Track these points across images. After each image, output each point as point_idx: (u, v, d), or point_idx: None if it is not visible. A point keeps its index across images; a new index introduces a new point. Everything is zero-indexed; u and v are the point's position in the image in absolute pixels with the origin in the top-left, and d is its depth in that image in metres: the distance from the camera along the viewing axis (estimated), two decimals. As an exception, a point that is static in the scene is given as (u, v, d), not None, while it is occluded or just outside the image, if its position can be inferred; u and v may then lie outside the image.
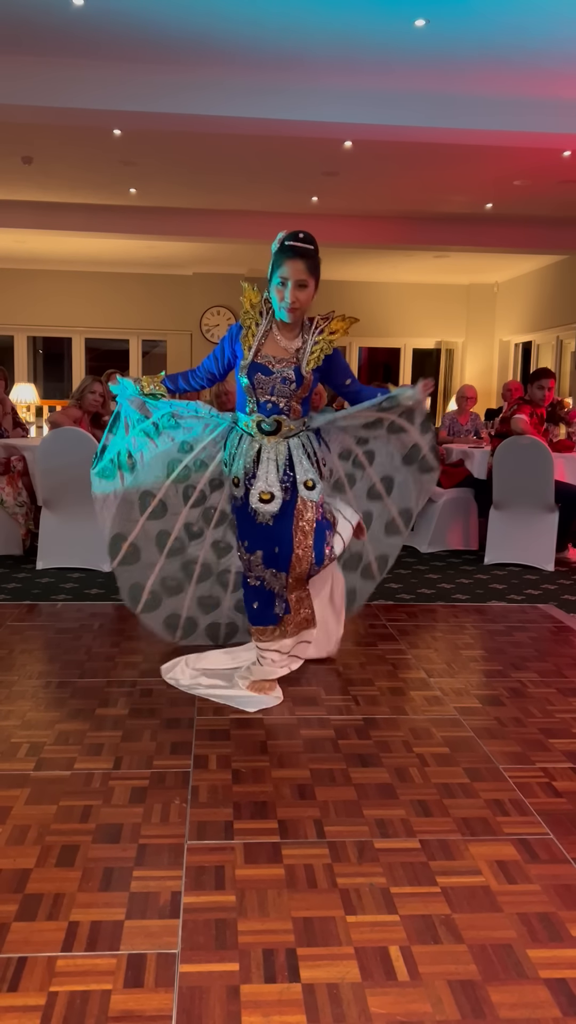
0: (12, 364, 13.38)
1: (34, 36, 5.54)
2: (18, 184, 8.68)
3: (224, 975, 1.70)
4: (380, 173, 7.98)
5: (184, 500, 3.56)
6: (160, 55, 5.74)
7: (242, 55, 5.75)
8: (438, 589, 5.21)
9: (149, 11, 5.16)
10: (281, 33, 5.42)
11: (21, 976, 1.69)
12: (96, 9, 5.13)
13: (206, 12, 5.14)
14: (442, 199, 9.06)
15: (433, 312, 14.09)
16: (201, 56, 5.76)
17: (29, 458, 5.85)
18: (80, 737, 2.88)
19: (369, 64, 5.84)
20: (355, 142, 6.92)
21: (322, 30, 5.35)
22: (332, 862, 2.13)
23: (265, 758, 2.74)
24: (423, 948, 1.80)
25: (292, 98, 6.16)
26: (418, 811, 2.40)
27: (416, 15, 5.11)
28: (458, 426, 7.84)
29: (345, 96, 6.18)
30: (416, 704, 3.26)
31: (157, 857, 2.13)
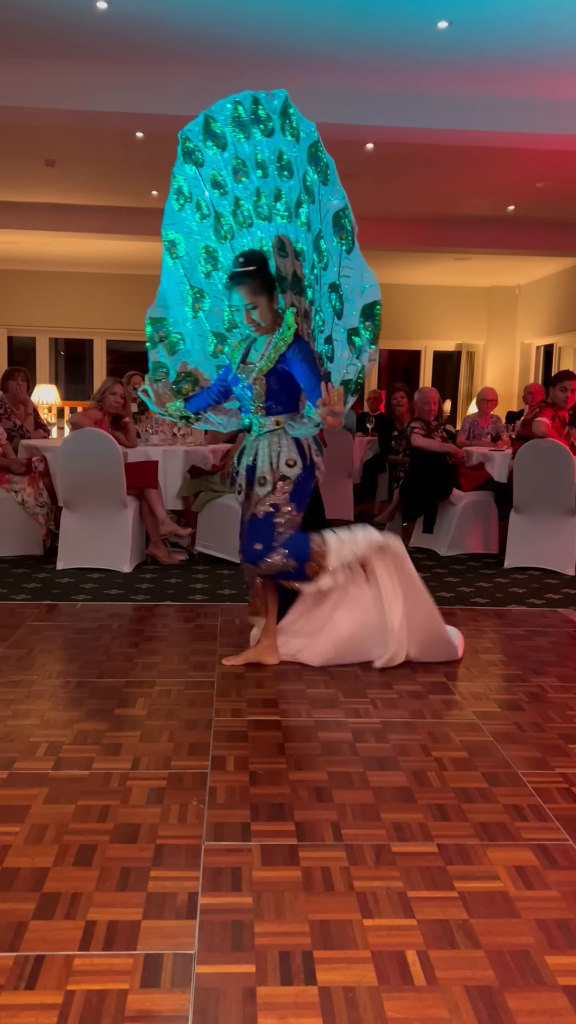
0: (34, 365, 13.48)
1: (58, 40, 5.59)
2: (41, 187, 8.75)
3: (240, 977, 1.70)
4: (401, 175, 7.98)
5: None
6: (182, 58, 5.77)
7: (264, 57, 5.77)
8: (457, 593, 5.19)
9: (171, 14, 5.19)
10: (303, 36, 5.43)
11: (39, 974, 1.69)
12: (119, 13, 5.17)
13: (228, 15, 5.17)
14: (463, 201, 9.05)
15: (454, 314, 14.06)
16: (223, 58, 5.79)
17: (50, 459, 5.88)
18: (98, 737, 2.89)
19: (391, 66, 5.85)
20: (376, 144, 6.93)
21: (345, 32, 5.36)
22: (349, 865, 2.12)
23: (282, 760, 2.74)
24: (440, 953, 1.79)
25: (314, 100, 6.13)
26: (436, 815, 2.39)
27: (439, 17, 5.11)
28: (479, 429, 7.80)
29: (367, 98, 6.18)
30: (435, 708, 3.25)
31: (174, 858, 2.14)
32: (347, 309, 3.26)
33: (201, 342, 3.91)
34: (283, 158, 3.40)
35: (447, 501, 6.40)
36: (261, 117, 3.40)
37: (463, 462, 6.65)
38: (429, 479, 6.42)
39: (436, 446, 6.53)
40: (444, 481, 6.41)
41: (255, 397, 3.50)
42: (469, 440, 7.66)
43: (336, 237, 3.22)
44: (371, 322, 3.18)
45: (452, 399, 14.44)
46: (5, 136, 7.03)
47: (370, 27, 5.24)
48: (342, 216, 3.19)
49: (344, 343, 3.30)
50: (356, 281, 3.20)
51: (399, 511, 6.93)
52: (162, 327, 3.89)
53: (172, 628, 4.31)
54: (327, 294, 3.36)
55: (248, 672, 3.60)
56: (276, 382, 3.44)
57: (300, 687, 3.43)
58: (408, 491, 6.63)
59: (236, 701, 3.26)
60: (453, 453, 6.57)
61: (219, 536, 5.85)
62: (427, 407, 6.78)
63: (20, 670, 3.56)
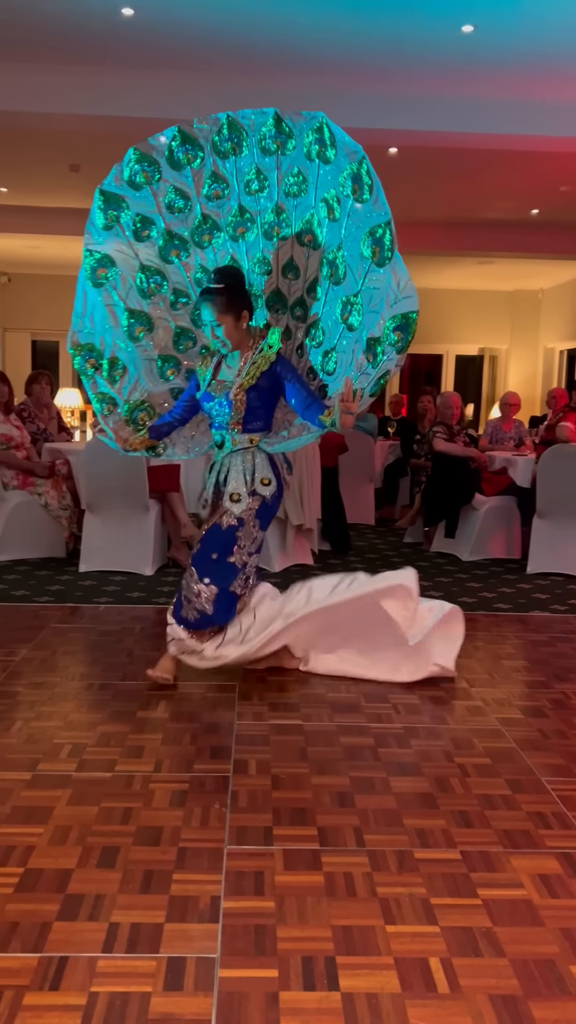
0: (57, 369, 13.57)
1: (84, 46, 5.63)
2: (66, 192, 8.81)
3: (263, 981, 1.70)
4: (425, 179, 7.97)
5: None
6: (206, 63, 5.80)
7: (288, 62, 5.78)
8: (480, 598, 5.16)
9: (196, 20, 5.22)
10: (328, 41, 5.44)
11: (63, 975, 1.70)
12: (145, 19, 5.21)
13: (252, 20, 5.19)
14: (487, 205, 9.02)
15: (476, 319, 14.01)
16: (246, 64, 5.81)
17: (73, 462, 5.92)
18: (121, 739, 2.90)
19: (416, 70, 5.85)
20: (400, 148, 6.93)
21: (369, 37, 5.37)
22: (372, 871, 2.12)
23: (305, 764, 2.73)
24: (464, 961, 1.78)
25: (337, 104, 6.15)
26: (459, 822, 2.38)
27: (464, 21, 5.11)
28: (501, 433, 7.77)
29: (391, 102, 6.18)
30: (457, 714, 3.23)
31: (197, 861, 2.14)
32: (368, 320, 3.25)
33: (148, 366, 3.70)
34: (297, 175, 3.39)
35: (469, 506, 6.37)
36: (267, 134, 3.38)
37: (486, 467, 6.62)
38: (451, 483, 6.40)
39: (459, 450, 6.51)
40: (467, 486, 6.38)
41: (233, 413, 3.36)
42: (491, 444, 7.63)
43: (368, 251, 3.19)
44: (404, 332, 3.18)
45: (474, 403, 14.39)
46: (30, 141, 7.09)
47: (395, 32, 5.23)
48: (379, 230, 3.18)
49: (357, 352, 3.29)
50: (390, 292, 3.19)
51: (421, 516, 6.91)
52: (93, 355, 3.62)
53: (194, 631, 4.31)
54: (337, 307, 3.35)
55: (270, 676, 3.60)
56: (256, 398, 3.37)
57: (322, 691, 3.42)
58: (430, 495, 6.61)
59: (258, 705, 3.26)
60: (476, 457, 6.55)
61: (241, 540, 5.84)
62: (449, 411, 6.76)
63: (43, 672, 3.58)
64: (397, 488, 8.50)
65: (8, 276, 13.36)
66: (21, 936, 1.82)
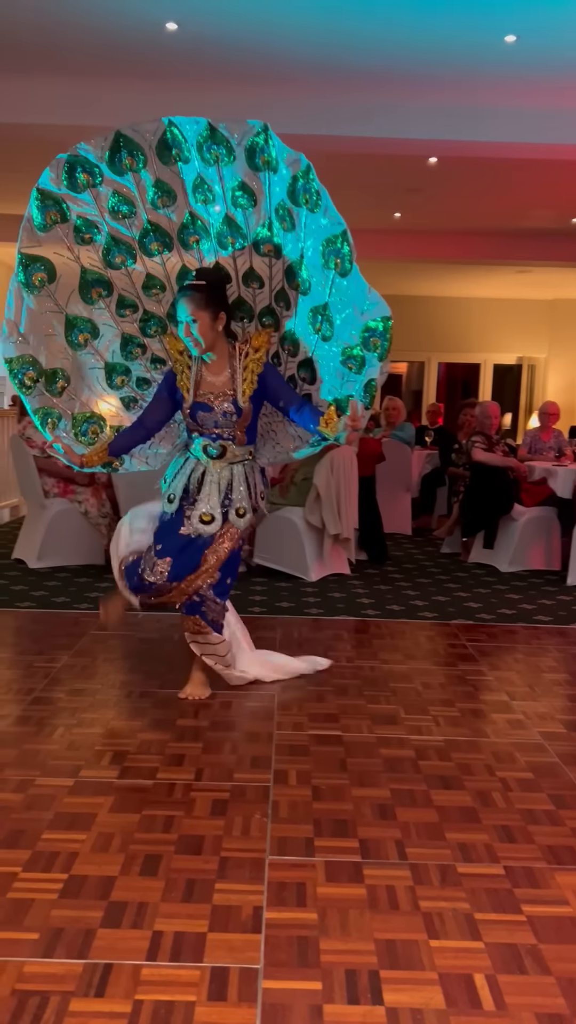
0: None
1: (128, 61, 5.71)
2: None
3: (307, 994, 1.70)
4: (464, 188, 7.95)
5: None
6: (249, 76, 5.84)
7: (330, 74, 5.81)
8: (519, 610, 5.12)
9: (239, 34, 5.26)
10: (369, 52, 5.46)
11: (107, 983, 1.71)
12: (190, 33, 5.26)
13: (294, 33, 5.22)
14: (526, 214, 8.97)
15: (514, 327, 13.92)
16: (289, 76, 5.85)
17: (113, 470, 5.96)
18: (162, 747, 2.91)
19: (457, 80, 5.84)
20: (440, 158, 6.92)
21: (411, 48, 5.37)
22: (414, 884, 2.10)
23: (345, 776, 2.73)
24: (509, 978, 1.76)
25: (379, 115, 6.20)
26: (502, 836, 2.36)
27: (506, 31, 5.09)
28: (540, 443, 7.71)
29: (432, 112, 6.18)
30: (498, 727, 3.20)
31: (239, 871, 2.14)
32: (340, 330, 3.20)
33: (94, 375, 3.51)
34: (241, 186, 3.22)
35: (508, 516, 6.33)
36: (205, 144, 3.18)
37: (525, 477, 6.57)
38: (490, 494, 6.36)
39: (498, 460, 6.47)
40: (506, 496, 6.34)
41: (240, 421, 3.26)
42: (531, 454, 7.57)
43: (330, 262, 3.11)
44: (380, 338, 3.10)
45: (512, 413, 14.29)
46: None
47: (436, 42, 5.24)
48: (337, 241, 3.09)
49: (336, 362, 3.25)
50: (357, 303, 3.12)
51: (459, 526, 6.87)
52: (30, 368, 3.38)
53: (232, 640, 4.32)
54: (307, 318, 3.30)
55: (309, 685, 3.60)
56: (255, 406, 3.31)
57: (361, 702, 3.41)
58: (469, 506, 6.57)
59: (297, 715, 3.26)
60: (515, 468, 6.50)
61: (277, 549, 5.87)
62: (488, 421, 6.72)
63: (84, 679, 3.61)
64: (434, 498, 8.46)
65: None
66: (66, 942, 1.84)
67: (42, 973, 1.74)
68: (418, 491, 8.48)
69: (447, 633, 4.54)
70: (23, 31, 5.32)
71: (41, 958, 1.78)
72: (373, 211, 8.98)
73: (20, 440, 5.97)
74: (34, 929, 1.88)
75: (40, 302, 3.36)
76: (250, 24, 5.13)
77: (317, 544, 5.82)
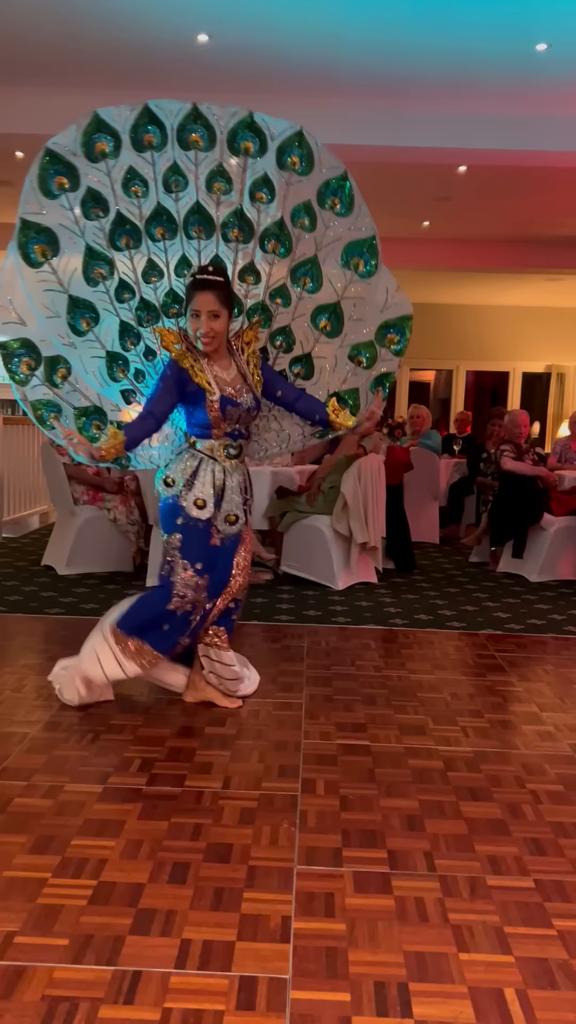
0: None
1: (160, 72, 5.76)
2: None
3: (335, 1005, 1.69)
4: (494, 197, 7.93)
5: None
6: (280, 87, 5.88)
7: (361, 83, 5.83)
8: (549, 620, 5.07)
9: (270, 44, 5.30)
10: (399, 61, 5.47)
11: (136, 990, 1.71)
12: (220, 45, 5.30)
13: (326, 43, 5.25)
14: (557, 222, 8.93)
15: (544, 335, 13.85)
16: (320, 86, 5.87)
17: (142, 478, 6.00)
18: (190, 755, 2.92)
19: (488, 89, 5.84)
20: (470, 167, 6.91)
21: (441, 57, 5.38)
22: (443, 896, 2.09)
23: (373, 786, 2.72)
24: (540, 993, 1.74)
25: (409, 124, 6.20)
26: (532, 849, 2.34)
27: (538, 40, 5.09)
28: (570, 452, 7.65)
29: (462, 121, 6.18)
30: (528, 739, 3.18)
31: (267, 880, 2.14)
32: (352, 328, 3.32)
33: (95, 364, 3.31)
34: (261, 182, 3.23)
35: (538, 526, 6.28)
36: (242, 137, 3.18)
37: (555, 486, 6.52)
38: (519, 503, 6.32)
39: (527, 469, 6.43)
40: (535, 505, 6.29)
41: (252, 419, 3.26)
42: (560, 463, 7.52)
43: (351, 263, 3.27)
44: (400, 335, 3.27)
45: (540, 421, 14.19)
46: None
47: (467, 52, 5.24)
48: (363, 246, 3.25)
49: (342, 359, 3.37)
50: (376, 301, 3.28)
51: (487, 535, 6.84)
52: (27, 353, 3.17)
53: (259, 648, 4.33)
54: (311, 315, 3.36)
55: (336, 695, 3.59)
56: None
57: (389, 712, 3.40)
58: (497, 515, 6.54)
59: (324, 724, 3.26)
60: (545, 477, 6.46)
61: (304, 557, 5.87)
62: (517, 430, 6.69)
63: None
64: (462, 507, 8.43)
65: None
66: (95, 949, 1.84)
67: (72, 979, 1.74)
68: (446, 500, 8.44)
69: (476, 643, 4.51)
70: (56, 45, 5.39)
71: (71, 964, 1.79)
72: (402, 220, 8.98)
73: (50, 448, 6.02)
74: (64, 935, 1.89)
75: (40, 277, 3.14)
76: (281, 35, 5.17)
77: (344, 553, 5.81)
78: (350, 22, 4.95)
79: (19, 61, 5.65)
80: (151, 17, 4.96)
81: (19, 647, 4.25)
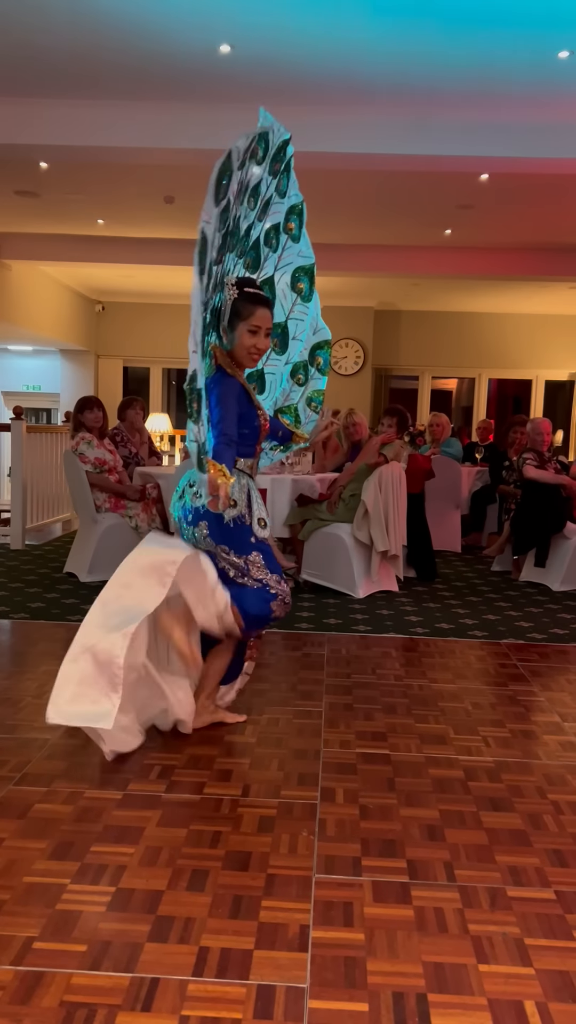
0: (148, 395, 13.87)
1: (181, 83, 5.79)
2: (160, 223, 9.04)
3: (354, 1015, 1.68)
4: (516, 205, 7.90)
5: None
6: (301, 96, 5.89)
7: (383, 92, 5.83)
8: (572, 630, 5.03)
9: (292, 55, 5.31)
10: (421, 70, 5.47)
11: (154, 997, 1.71)
12: (242, 56, 5.33)
13: (347, 52, 5.25)
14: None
15: (567, 343, 13.76)
16: (342, 95, 5.88)
17: (163, 486, 6.03)
18: (209, 762, 2.92)
19: (509, 97, 5.82)
20: (492, 175, 6.90)
21: (463, 66, 5.37)
22: (463, 907, 2.07)
23: (393, 795, 2.70)
24: (561, 1007, 1.72)
25: (431, 133, 6.20)
26: (553, 860, 2.31)
27: (560, 47, 5.06)
28: (593, 461, 7.58)
29: (484, 129, 6.17)
30: (550, 749, 3.15)
31: (285, 888, 2.13)
32: (292, 347, 3.48)
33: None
34: (267, 198, 3.25)
35: (561, 534, 6.24)
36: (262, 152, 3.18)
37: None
38: (542, 512, 6.28)
39: (550, 478, 6.39)
40: (558, 514, 6.25)
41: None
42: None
43: (296, 287, 3.43)
44: (323, 357, 3.52)
45: (564, 430, 14.10)
46: (128, 175, 7.31)
47: (489, 59, 5.23)
48: (308, 272, 3.43)
49: (285, 376, 3.51)
50: (309, 324, 3.48)
51: (510, 544, 6.80)
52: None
53: (279, 656, 4.33)
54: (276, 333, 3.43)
55: (357, 703, 3.58)
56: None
57: (409, 721, 3.39)
58: (520, 524, 6.50)
59: (344, 733, 3.25)
60: (568, 485, 6.41)
61: (325, 565, 5.86)
62: (540, 438, 6.65)
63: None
64: (484, 515, 8.38)
65: (103, 305, 13.76)
66: (113, 955, 1.84)
67: (90, 985, 1.75)
68: (468, 508, 8.40)
69: (497, 652, 4.48)
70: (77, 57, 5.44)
71: (89, 970, 1.79)
72: (424, 228, 8.98)
73: (72, 455, 6.06)
74: (82, 941, 1.89)
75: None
76: (302, 46, 5.18)
77: (365, 561, 5.80)
78: (372, 32, 4.96)
79: (42, 73, 5.71)
80: (173, 29, 4.99)
81: (41, 653, 4.27)
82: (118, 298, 13.51)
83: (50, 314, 11.94)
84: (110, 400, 10.02)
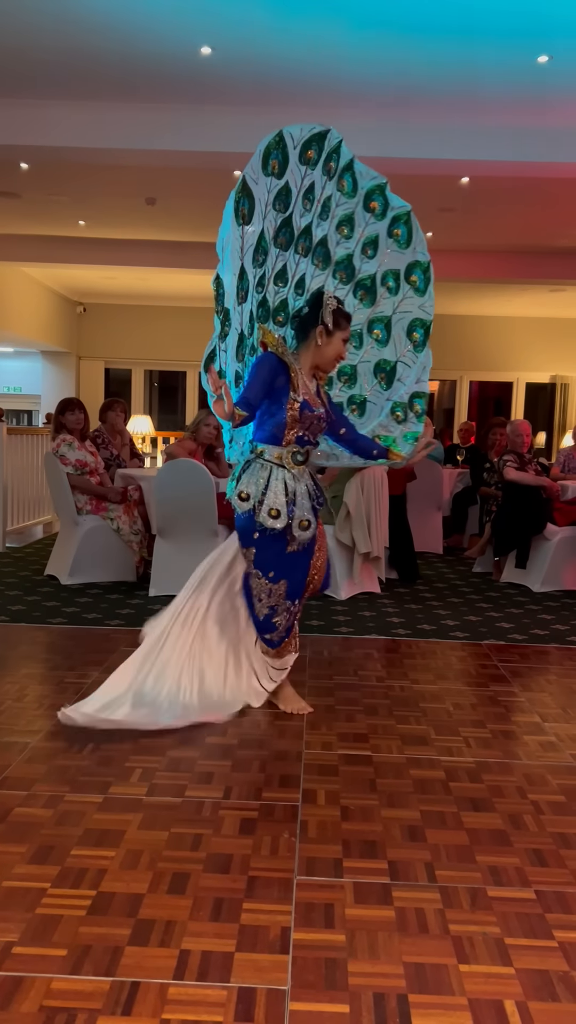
0: (129, 396, 13.84)
1: (162, 84, 5.79)
2: (141, 224, 9.04)
3: (335, 1016, 1.68)
4: (497, 208, 7.95)
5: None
6: (282, 98, 5.91)
7: (363, 95, 5.85)
8: (552, 631, 5.06)
9: (273, 56, 5.33)
10: (401, 73, 5.50)
11: (134, 1001, 1.71)
12: (223, 58, 5.33)
13: (328, 55, 5.27)
14: (560, 233, 8.95)
15: (547, 346, 13.86)
16: (322, 97, 5.90)
17: (145, 488, 6.01)
18: (191, 765, 2.91)
19: (490, 101, 5.86)
20: (473, 178, 6.93)
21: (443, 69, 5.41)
22: (444, 907, 2.08)
23: (374, 796, 2.71)
24: (540, 1005, 1.73)
25: (411, 136, 6.23)
26: (533, 860, 2.33)
27: (539, 52, 5.10)
28: (574, 462, 7.65)
29: (465, 133, 6.21)
30: (530, 749, 3.17)
31: (267, 890, 2.13)
32: (396, 388, 3.76)
33: (232, 340, 3.44)
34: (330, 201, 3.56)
35: (541, 536, 6.27)
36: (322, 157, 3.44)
37: (558, 496, 6.51)
38: (523, 513, 6.31)
39: (530, 479, 6.42)
40: (538, 515, 6.29)
41: (323, 429, 3.46)
42: (564, 473, 7.51)
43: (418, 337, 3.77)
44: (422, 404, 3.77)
45: (545, 431, 14.19)
46: (109, 176, 7.30)
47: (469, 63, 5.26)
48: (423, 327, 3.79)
49: (385, 412, 3.77)
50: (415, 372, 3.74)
51: (491, 545, 6.83)
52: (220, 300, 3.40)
53: (262, 658, 4.32)
54: (370, 369, 3.78)
55: (339, 705, 3.58)
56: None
57: (391, 723, 3.39)
58: (501, 525, 6.53)
59: (326, 734, 3.25)
60: (548, 487, 6.45)
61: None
62: (519, 439, 6.68)
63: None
64: (466, 517, 8.41)
65: (84, 307, 13.72)
66: (94, 959, 1.83)
67: (70, 990, 1.74)
68: (449, 510, 8.43)
69: (478, 653, 4.50)
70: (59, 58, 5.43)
71: (69, 975, 1.78)
72: (405, 231, 9.01)
73: (53, 457, 6.04)
74: (62, 945, 1.88)
75: (236, 234, 3.24)
76: (283, 47, 5.20)
77: (347, 563, 5.81)
78: (352, 34, 4.98)
79: (22, 73, 5.69)
80: (154, 31, 4.99)
81: (21, 657, 4.25)
82: (99, 299, 13.48)
83: (31, 315, 11.89)
84: (92, 402, 10.00)
